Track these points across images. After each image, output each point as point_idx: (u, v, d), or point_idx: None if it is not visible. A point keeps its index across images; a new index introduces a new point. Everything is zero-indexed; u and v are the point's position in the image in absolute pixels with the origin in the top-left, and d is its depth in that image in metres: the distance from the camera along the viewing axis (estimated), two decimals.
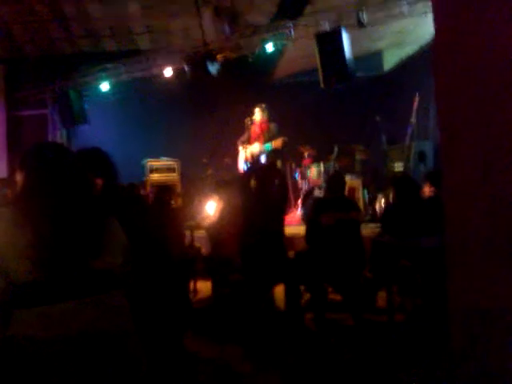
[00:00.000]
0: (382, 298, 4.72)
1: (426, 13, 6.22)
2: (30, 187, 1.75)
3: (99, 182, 2.32)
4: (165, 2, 7.58)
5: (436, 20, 1.90)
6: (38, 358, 1.58)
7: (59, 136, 9.13)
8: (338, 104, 9.40)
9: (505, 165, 1.60)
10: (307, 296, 4.79)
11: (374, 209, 7.55)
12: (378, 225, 5.44)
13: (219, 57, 7.75)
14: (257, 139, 7.49)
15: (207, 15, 7.59)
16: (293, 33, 7.22)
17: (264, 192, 4.64)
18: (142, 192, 7.39)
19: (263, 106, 7.50)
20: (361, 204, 7.40)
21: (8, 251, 1.62)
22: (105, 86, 8.86)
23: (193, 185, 8.66)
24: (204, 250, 5.78)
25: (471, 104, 1.74)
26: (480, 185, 1.72)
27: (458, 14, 1.79)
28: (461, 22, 1.77)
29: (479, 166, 1.71)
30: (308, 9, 6.81)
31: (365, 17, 6.46)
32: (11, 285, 1.61)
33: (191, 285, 5.38)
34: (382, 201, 7.29)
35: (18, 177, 1.79)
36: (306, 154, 8.01)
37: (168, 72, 8.35)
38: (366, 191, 7.93)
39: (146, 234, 2.45)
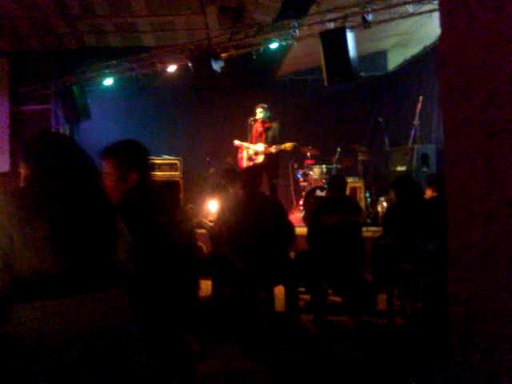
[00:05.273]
0: (382, 300, 4.70)
1: (431, 13, 6.19)
2: (38, 176, 1.69)
3: (134, 176, 2.28)
4: None
5: (442, 20, 1.87)
6: (39, 354, 1.55)
7: (62, 131, 9.12)
8: (341, 103, 9.39)
9: (509, 168, 1.58)
10: (307, 297, 4.77)
11: (376, 211, 7.53)
12: (380, 228, 5.41)
13: (223, 55, 7.73)
14: (259, 138, 7.45)
15: (212, 13, 7.57)
16: (298, 32, 7.20)
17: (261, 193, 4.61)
18: None
19: (265, 105, 7.47)
20: (362, 205, 7.38)
21: (17, 243, 1.56)
22: (108, 82, 8.85)
23: (195, 183, 8.65)
24: (205, 249, 5.76)
25: (476, 106, 1.72)
26: (483, 188, 1.70)
27: (465, 15, 1.76)
28: (467, 22, 1.75)
29: (483, 170, 1.69)
30: (313, 8, 6.77)
31: (370, 16, 6.42)
32: (16, 278, 1.56)
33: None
34: (384, 203, 7.26)
35: (23, 167, 1.74)
36: (308, 154, 7.99)
37: (172, 69, 8.33)
38: (368, 193, 7.91)
39: (172, 228, 2.43)
